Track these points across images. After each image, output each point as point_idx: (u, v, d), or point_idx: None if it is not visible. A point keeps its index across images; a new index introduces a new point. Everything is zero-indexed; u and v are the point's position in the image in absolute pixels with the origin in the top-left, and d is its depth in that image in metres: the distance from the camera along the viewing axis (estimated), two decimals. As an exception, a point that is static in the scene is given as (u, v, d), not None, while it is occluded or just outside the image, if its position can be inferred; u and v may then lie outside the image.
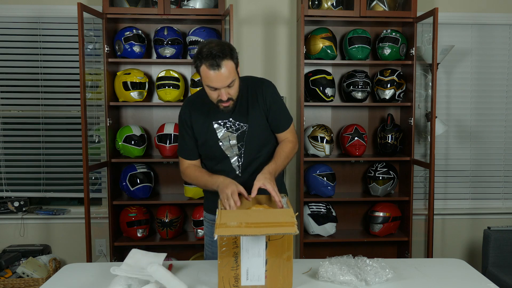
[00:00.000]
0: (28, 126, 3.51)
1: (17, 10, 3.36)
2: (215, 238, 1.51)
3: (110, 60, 3.12)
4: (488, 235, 3.04)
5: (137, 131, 3.20)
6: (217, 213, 1.64)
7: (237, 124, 1.92)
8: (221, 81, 1.76)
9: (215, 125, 1.93)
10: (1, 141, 3.47)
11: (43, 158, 3.49)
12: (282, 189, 2.07)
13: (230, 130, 1.93)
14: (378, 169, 3.32)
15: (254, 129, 1.93)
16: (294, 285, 1.66)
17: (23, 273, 3.05)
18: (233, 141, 1.93)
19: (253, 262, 1.61)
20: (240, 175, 1.97)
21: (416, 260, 2.01)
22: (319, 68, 3.32)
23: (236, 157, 1.95)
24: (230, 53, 1.76)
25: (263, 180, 1.76)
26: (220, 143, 1.94)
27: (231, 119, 1.93)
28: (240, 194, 1.78)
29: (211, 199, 2.02)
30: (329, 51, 3.23)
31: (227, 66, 1.74)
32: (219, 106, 1.84)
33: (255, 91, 1.94)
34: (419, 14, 3.19)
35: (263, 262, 1.61)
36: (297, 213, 1.71)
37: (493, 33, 3.61)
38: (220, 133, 1.93)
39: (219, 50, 1.73)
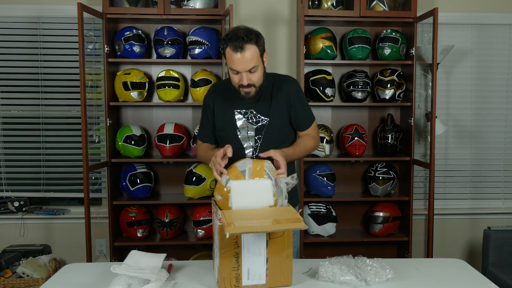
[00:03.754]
0: (28, 126, 3.51)
1: (17, 10, 3.36)
2: (227, 237, 1.47)
3: (110, 60, 3.12)
4: (488, 235, 3.04)
5: (137, 131, 3.20)
6: (220, 213, 1.59)
7: (258, 116, 1.94)
8: (243, 64, 1.77)
9: (236, 114, 1.94)
10: (1, 141, 3.47)
11: (43, 158, 3.49)
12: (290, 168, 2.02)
13: (250, 121, 1.94)
14: (378, 169, 3.32)
15: (274, 124, 1.94)
16: (294, 285, 1.66)
17: (23, 273, 3.05)
18: (251, 133, 1.94)
19: (254, 262, 1.61)
20: None
21: (416, 260, 2.01)
22: (319, 68, 3.32)
23: (252, 149, 1.95)
24: (255, 38, 1.79)
25: (276, 152, 1.74)
26: (238, 132, 1.94)
27: (253, 110, 1.93)
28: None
29: None
30: (329, 51, 3.23)
31: (250, 50, 1.76)
32: (240, 91, 1.86)
33: (279, 87, 1.95)
34: (419, 14, 3.19)
35: (264, 261, 1.61)
36: (301, 210, 1.71)
37: (493, 33, 3.61)
38: (240, 122, 1.94)
39: (245, 34, 1.76)
